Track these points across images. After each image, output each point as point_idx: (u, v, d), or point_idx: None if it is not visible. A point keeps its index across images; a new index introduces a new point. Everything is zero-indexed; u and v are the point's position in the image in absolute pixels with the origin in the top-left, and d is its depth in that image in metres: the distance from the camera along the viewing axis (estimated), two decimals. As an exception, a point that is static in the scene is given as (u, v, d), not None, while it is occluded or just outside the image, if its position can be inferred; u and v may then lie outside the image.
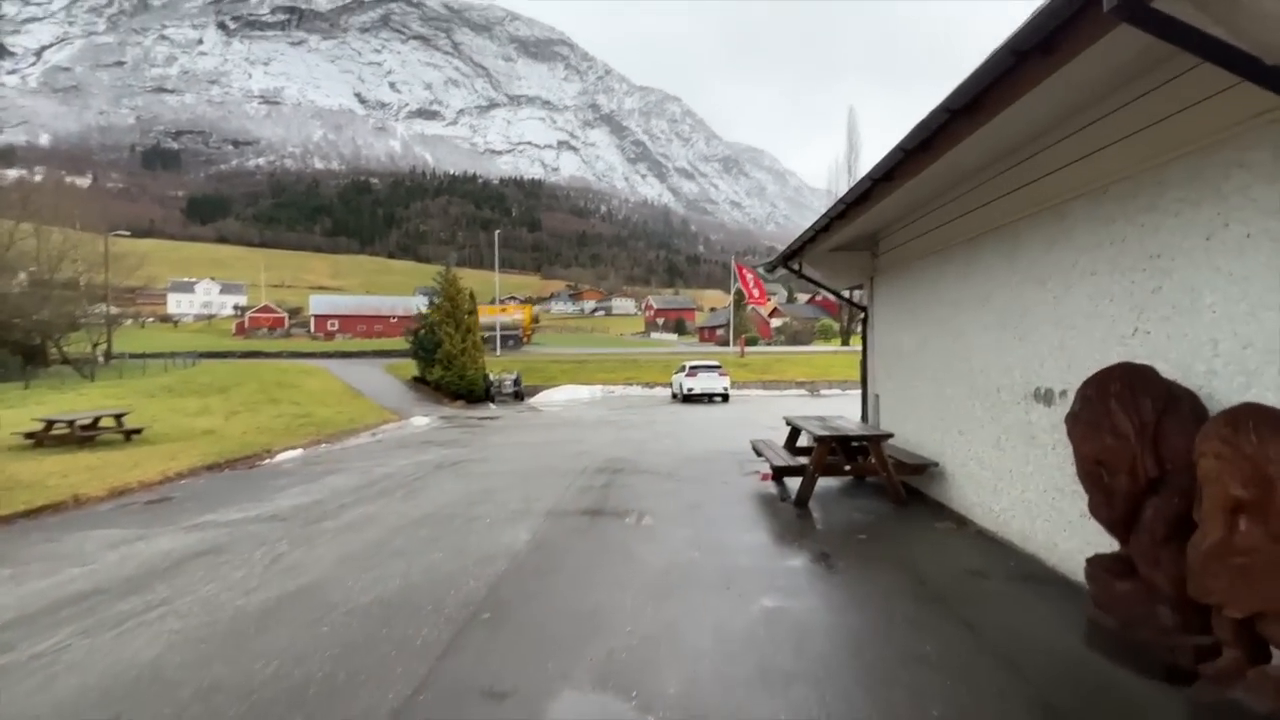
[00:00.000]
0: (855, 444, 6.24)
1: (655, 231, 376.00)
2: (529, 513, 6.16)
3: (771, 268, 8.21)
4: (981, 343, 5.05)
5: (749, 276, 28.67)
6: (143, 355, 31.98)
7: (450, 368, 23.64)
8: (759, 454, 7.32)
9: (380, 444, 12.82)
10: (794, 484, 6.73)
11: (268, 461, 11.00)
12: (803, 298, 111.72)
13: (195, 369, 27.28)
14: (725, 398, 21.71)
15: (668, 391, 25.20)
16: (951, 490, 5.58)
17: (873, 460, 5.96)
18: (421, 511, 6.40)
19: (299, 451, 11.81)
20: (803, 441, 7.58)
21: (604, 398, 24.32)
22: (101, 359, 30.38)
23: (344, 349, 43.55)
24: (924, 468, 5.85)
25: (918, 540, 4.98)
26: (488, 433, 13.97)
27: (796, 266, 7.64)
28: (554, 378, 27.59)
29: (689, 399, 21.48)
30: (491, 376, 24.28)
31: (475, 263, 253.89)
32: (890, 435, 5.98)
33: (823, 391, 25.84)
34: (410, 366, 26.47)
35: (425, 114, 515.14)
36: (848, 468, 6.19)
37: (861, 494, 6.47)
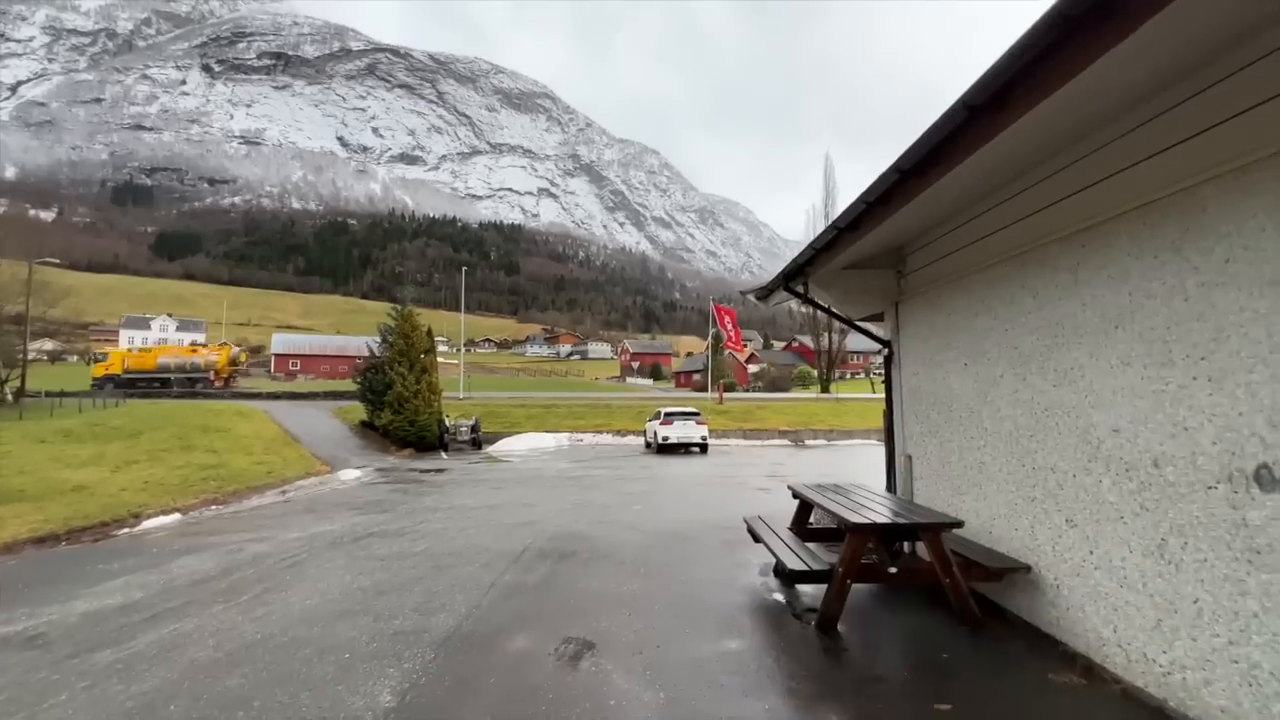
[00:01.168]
0: (901, 531, 4.34)
1: (632, 278, 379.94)
2: (418, 638, 4.06)
3: (767, 293, 6.46)
4: (1113, 388, 3.27)
5: (728, 320, 27.30)
6: (60, 394, 28.84)
7: (401, 411, 21.31)
8: (756, 538, 5.38)
9: (286, 505, 10.48)
10: (811, 589, 4.77)
11: (127, 531, 8.63)
12: (778, 345, 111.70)
13: (114, 410, 24.35)
14: (704, 448, 19.76)
15: (641, 440, 23.15)
16: (1058, 612, 3.68)
17: (929, 559, 4.06)
18: (257, 634, 4.24)
19: (175, 517, 9.43)
20: (815, 519, 5.67)
21: (570, 447, 22.13)
22: (10, 397, 27.19)
23: (296, 390, 40.60)
24: (1006, 573, 3.96)
25: (1034, 709, 3.04)
26: (423, 492, 11.71)
27: (801, 289, 5.91)
28: (517, 424, 25.34)
29: (664, 449, 19.48)
30: (447, 422, 21.96)
31: (451, 305, 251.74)
32: (958, 523, 4.09)
33: (807, 442, 24.07)
34: (361, 410, 24.03)
35: (407, 158, 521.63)
36: (892, 570, 4.26)
37: (907, 606, 4.53)
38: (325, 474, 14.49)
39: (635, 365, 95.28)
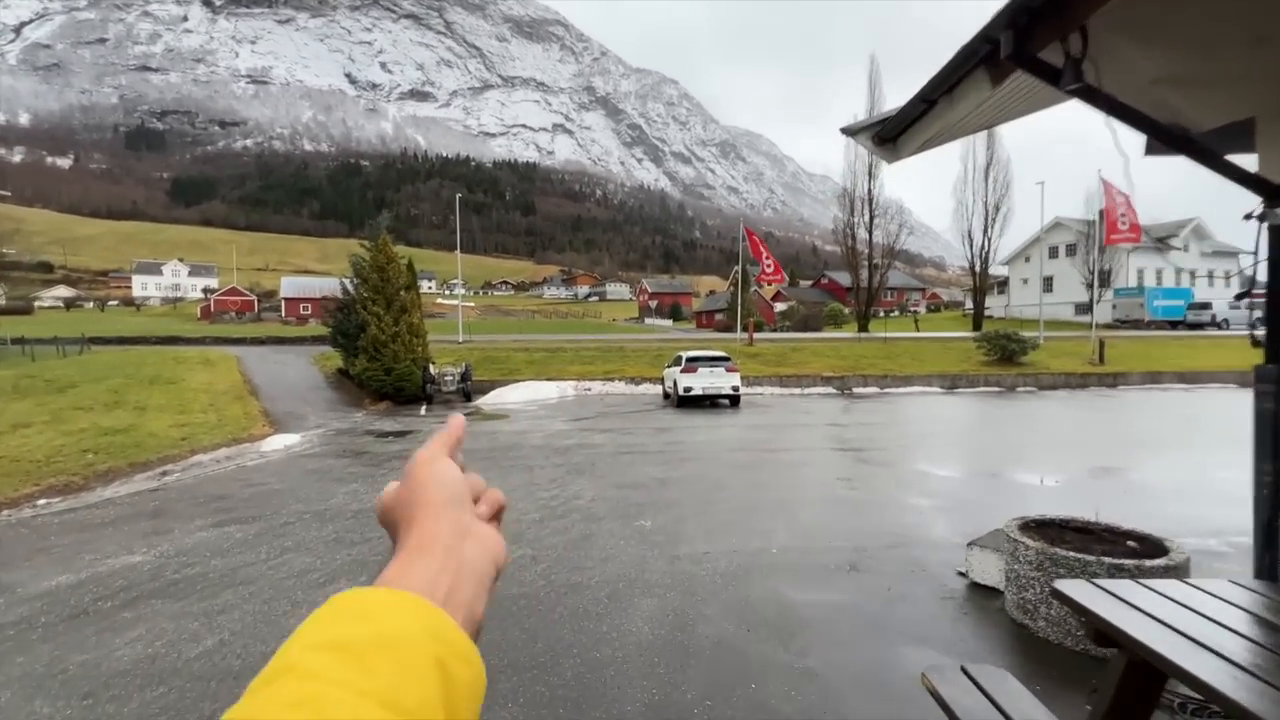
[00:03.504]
0: None
1: (651, 216, 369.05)
2: None
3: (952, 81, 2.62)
4: None
5: (761, 248, 23.13)
6: (23, 340, 26.27)
7: (378, 358, 18.06)
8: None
9: (133, 502, 7.23)
10: None
11: None
12: (804, 283, 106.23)
13: (63, 360, 21.61)
14: (735, 400, 16.20)
15: (658, 390, 19.70)
16: None
17: None
18: None
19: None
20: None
21: (575, 399, 18.78)
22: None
23: (284, 334, 37.81)
24: None
25: None
26: (346, 477, 8.38)
27: (1074, 57, 2.07)
28: (517, 370, 22.01)
29: (686, 401, 15.99)
30: (432, 370, 18.69)
31: (468, 247, 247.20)
32: None
33: (857, 390, 20.34)
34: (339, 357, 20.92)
35: (417, 95, 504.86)
36: None
37: None
38: (257, 439, 11.33)
39: (654, 305, 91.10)
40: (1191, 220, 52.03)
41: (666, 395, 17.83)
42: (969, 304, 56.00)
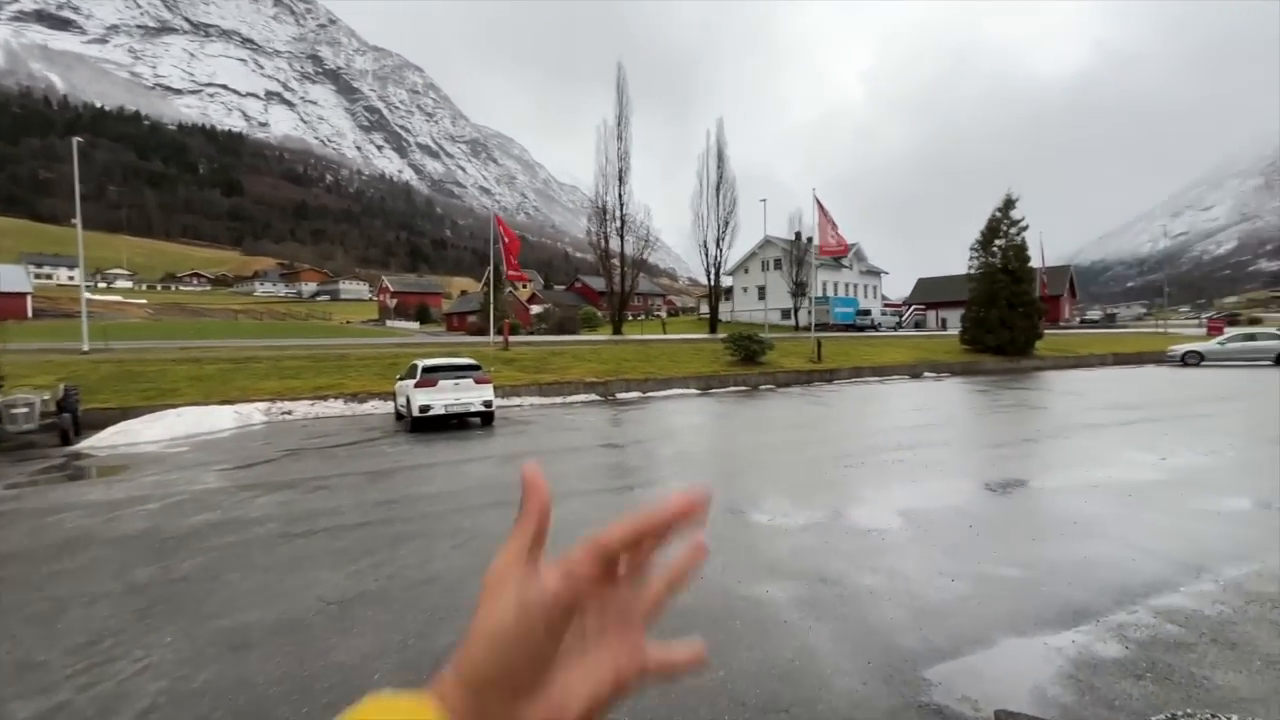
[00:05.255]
0: None
1: (396, 210, 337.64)
2: None
3: None
4: None
5: (507, 232, 20.51)
6: None
7: None
8: None
9: None
10: None
11: None
12: (559, 287, 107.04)
13: None
14: (488, 418, 13.26)
15: (390, 408, 15.66)
16: None
17: None
18: None
19: None
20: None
21: (265, 427, 13.65)
22: None
23: None
24: None
25: None
26: None
27: None
28: (175, 390, 15.51)
29: (424, 424, 12.51)
30: (-4, 398, 11.60)
31: (141, 228, 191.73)
32: None
33: (620, 396, 19.13)
34: None
35: (51, 20, 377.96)
36: None
37: None
38: None
39: (394, 305, 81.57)
40: (854, 245, 65.52)
41: (399, 416, 13.99)
42: (703, 309, 61.63)
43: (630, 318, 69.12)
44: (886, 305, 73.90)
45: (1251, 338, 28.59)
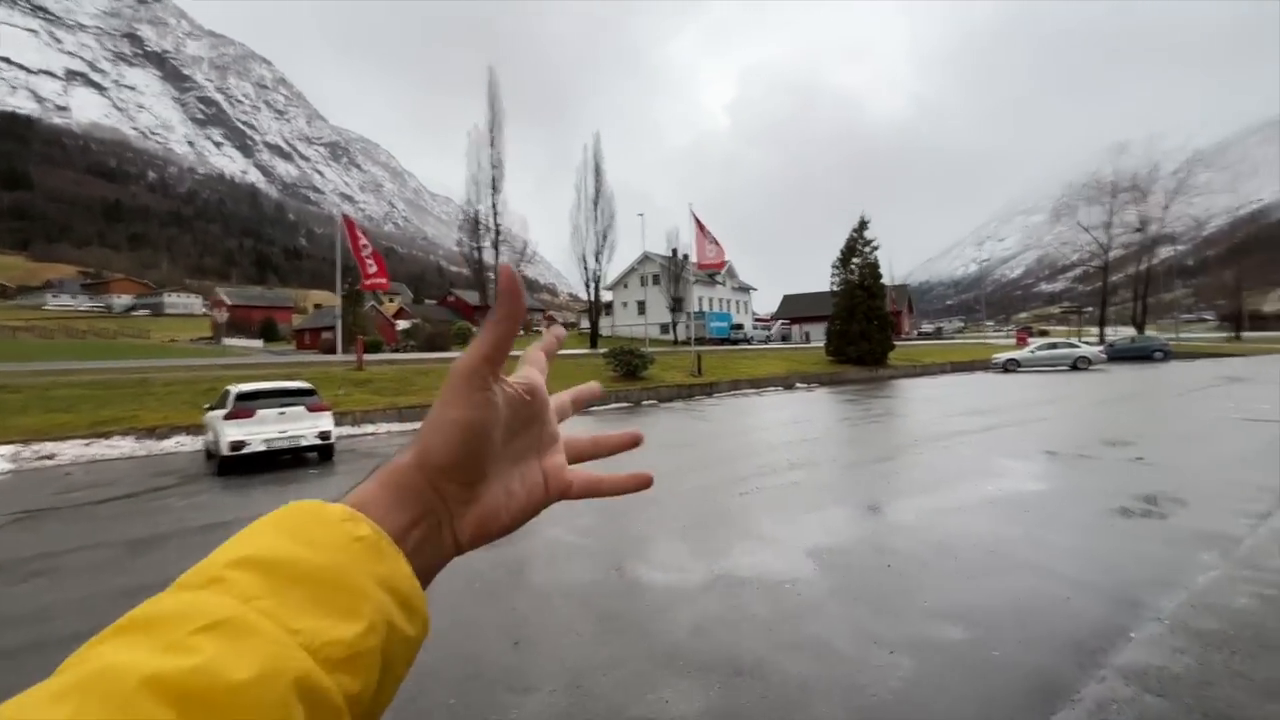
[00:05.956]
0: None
1: (239, 214, 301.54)
2: None
3: None
4: None
5: (363, 240, 18.09)
6: None
7: None
8: None
9: None
10: None
11: None
12: (430, 301, 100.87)
13: None
14: (326, 452, 11.05)
15: (199, 445, 12.73)
16: None
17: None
18: None
19: None
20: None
21: (11, 479, 10.31)
22: None
23: None
24: None
25: None
26: None
27: None
28: None
29: (237, 465, 10.08)
30: None
31: None
32: None
33: (493, 418, 17.38)
34: None
35: None
36: None
37: None
38: None
39: (225, 320, 71.82)
40: (727, 263, 68.42)
41: (210, 456, 11.28)
42: (583, 323, 60.85)
43: (508, 333, 66.37)
44: (757, 320, 78.01)
45: (1054, 346, 33.30)
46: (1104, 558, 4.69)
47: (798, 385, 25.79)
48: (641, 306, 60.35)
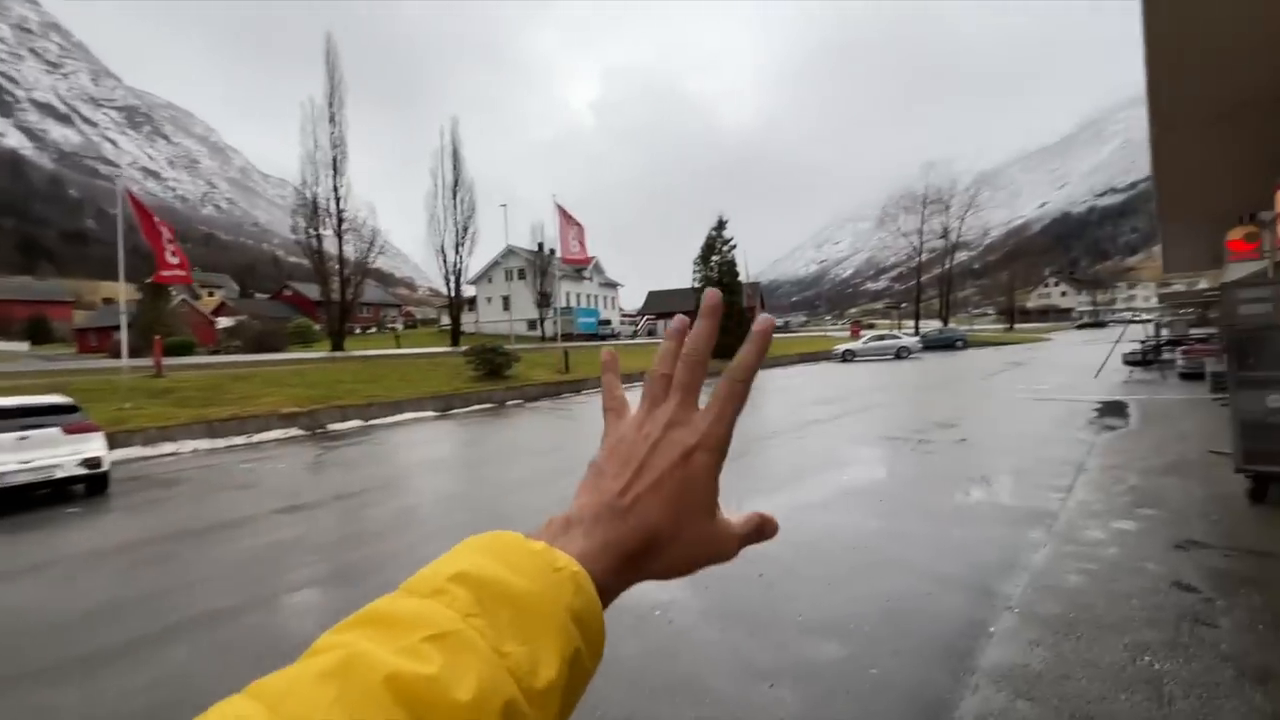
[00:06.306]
0: None
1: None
2: None
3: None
4: None
5: (155, 217, 14.94)
6: None
7: None
8: None
9: None
10: None
11: None
12: (262, 296, 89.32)
13: None
14: (97, 484, 8.75)
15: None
16: None
17: None
18: None
19: None
20: None
21: None
22: None
23: None
24: None
25: None
26: None
27: None
28: None
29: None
30: None
31: None
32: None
33: (332, 427, 15.37)
34: None
35: None
36: None
37: None
38: None
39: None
40: (594, 258, 68.54)
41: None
42: (444, 320, 57.42)
43: (359, 331, 60.61)
44: (624, 316, 79.05)
45: (882, 338, 37.41)
46: (954, 544, 4.87)
47: (664, 380, 26.09)
48: (507, 302, 58.19)
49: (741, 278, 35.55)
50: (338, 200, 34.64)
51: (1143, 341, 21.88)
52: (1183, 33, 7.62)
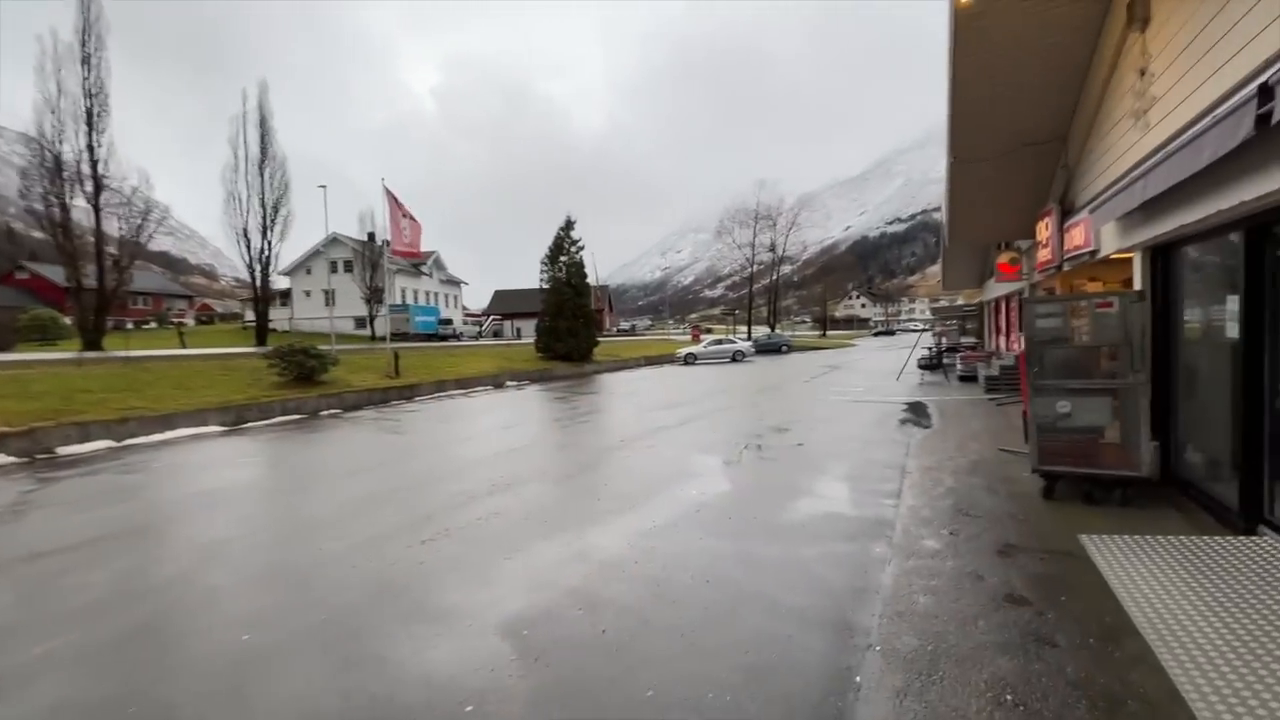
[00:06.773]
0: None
1: None
2: None
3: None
4: None
5: None
6: None
7: None
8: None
9: None
10: None
11: None
12: (-12, 277, 69.95)
13: None
14: None
15: None
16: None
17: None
18: None
19: None
20: None
21: None
22: None
23: None
24: None
25: None
26: None
27: None
28: None
29: None
30: None
31: None
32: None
33: (64, 451, 11.82)
34: None
35: None
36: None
37: None
38: None
39: None
40: (434, 253, 63.95)
41: None
42: (249, 315, 49.65)
43: (131, 326, 49.75)
44: (468, 315, 74.82)
45: (720, 342, 39.61)
46: (805, 567, 4.61)
47: (508, 383, 24.73)
48: (330, 296, 51.73)
49: (591, 280, 35.16)
50: (94, 163, 27.85)
51: (929, 349, 25.41)
52: (979, 79, 8.57)
